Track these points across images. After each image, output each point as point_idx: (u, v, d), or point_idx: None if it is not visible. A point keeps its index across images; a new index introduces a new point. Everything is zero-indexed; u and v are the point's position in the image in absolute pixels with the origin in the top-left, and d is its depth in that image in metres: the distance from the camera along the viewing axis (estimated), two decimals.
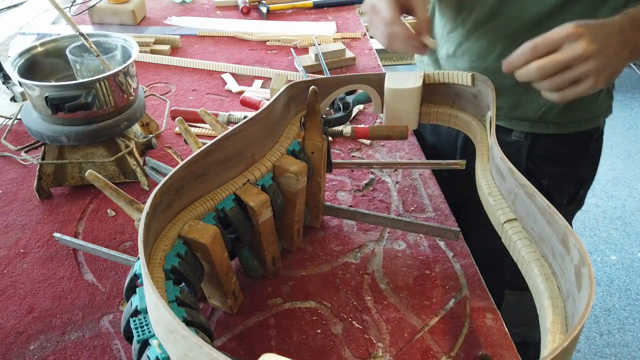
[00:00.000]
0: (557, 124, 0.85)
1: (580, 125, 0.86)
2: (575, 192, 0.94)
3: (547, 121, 0.85)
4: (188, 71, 1.22)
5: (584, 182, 0.95)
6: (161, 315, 0.39)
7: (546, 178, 0.91)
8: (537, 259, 0.50)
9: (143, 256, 0.43)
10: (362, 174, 0.89)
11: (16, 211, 0.81)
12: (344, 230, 0.77)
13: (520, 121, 0.86)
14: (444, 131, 1.01)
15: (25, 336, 0.62)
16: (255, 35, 1.39)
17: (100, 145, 0.83)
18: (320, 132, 0.67)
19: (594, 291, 0.40)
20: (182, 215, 0.54)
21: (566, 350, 0.37)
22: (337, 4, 1.60)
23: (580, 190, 0.96)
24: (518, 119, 0.86)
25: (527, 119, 0.86)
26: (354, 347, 0.60)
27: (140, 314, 0.45)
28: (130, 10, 1.43)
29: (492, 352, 0.60)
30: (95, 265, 0.72)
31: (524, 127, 0.87)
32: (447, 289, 0.68)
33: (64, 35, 0.87)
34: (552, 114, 0.83)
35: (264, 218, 0.61)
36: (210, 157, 0.56)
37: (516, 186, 0.53)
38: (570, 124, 0.85)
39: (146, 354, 0.42)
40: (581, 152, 0.91)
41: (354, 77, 0.71)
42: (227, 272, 0.58)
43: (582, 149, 0.91)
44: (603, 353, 1.67)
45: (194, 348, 0.36)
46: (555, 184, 0.92)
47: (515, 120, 0.87)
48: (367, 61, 1.26)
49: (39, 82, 0.74)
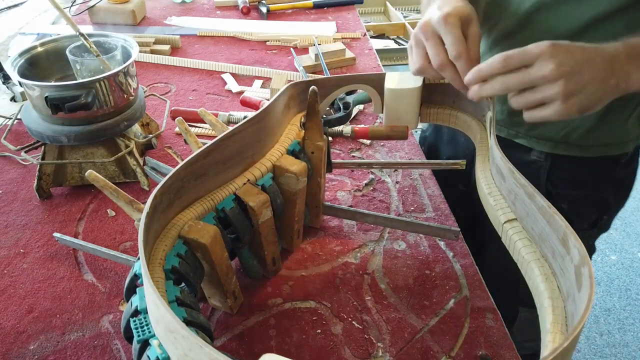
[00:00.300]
0: (580, 147, 0.79)
1: (606, 149, 0.79)
2: (598, 217, 0.87)
3: (570, 142, 0.78)
4: (188, 71, 1.22)
5: (608, 207, 0.88)
6: (161, 315, 0.39)
7: (566, 201, 0.85)
8: (537, 259, 0.50)
9: (143, 256, 0.43)
10: (362, 174, 0.89)
11: (16, 211, 0.81)
12: (344, 230, 0.77)
13: (540, 140, 0.81)
14: (461, 143, 0.96)
15: (25, 336, 0.62)
16: (255, 35, 1.39)
17: (100, 145, 0.83)
18: (320, 132, 0.67)
19: (594, 291, 0.40)
20: (182, 215, 0.54)
21: (566, 350, 0.37)
22: (337, 4, 1.60)
23: (604, 216, 0.88)
24: (538, 137, 0.81)
25: (548, 138, 0.80)
26: (354, 347, 0.60)
27: (140, 314, 0.45)
28: (130, 10, 1.43)
29: (492, 352, 0.60)
30: (95, 265, 0.72)
31: (545, 147, 0.81)
32: (447, 289, 0.68)
33: (64, 35, 0.87)
34: (576, 135, 0.77)
35: (264, 218, 0.61)
36: (210, 157, 0.56)
37: (516, 186, 0.53)
38: (594, 147, 0.79)
39: (146, 354, 0.42)
40: (607, 177, 0.84)
41: (354, 77, 0.71)
42: (227, 272, 0.58)
43: (608, 173, 0.83)
44: (603, 353, 1.67)
45: (194, 348, 0.36)
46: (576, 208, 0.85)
47: (535, 139, 0.81)
48: (367, 61, 1.26)
49: (39, 82, 0.74)
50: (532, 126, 0.78)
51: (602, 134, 0.76)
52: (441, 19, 0.60)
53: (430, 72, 0.64)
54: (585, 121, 0.73)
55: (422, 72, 0.64)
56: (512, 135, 0.82)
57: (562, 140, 0.78)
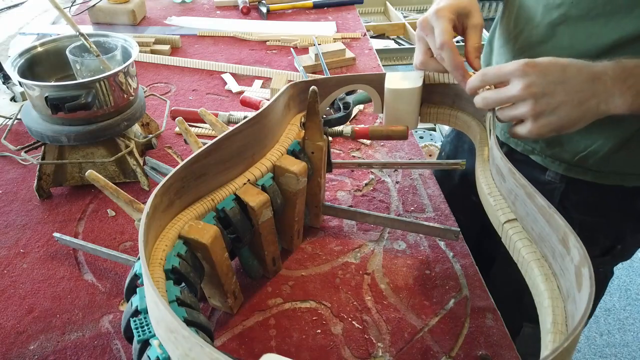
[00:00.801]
0: (596, 172, 0.74)
1: (624, 179, 0.74)
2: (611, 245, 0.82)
3: (585, 167, 0.74)
4: (188, 71, 1.22)
5: (623, 237, 0.83)
6: (162, 315, 0.39)
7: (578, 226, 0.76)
8: (537, 259, 0.50)
9: (144, 256, 0.43)
10: (362, 174, 0.89)
11: (16, 211, 0.81)
12: (343, 230, 0.77)
13: (555, 161, 0.77)
14: None
15: (25, 336, 0.62)
16: (255, 35, 1.39)
17: (100, 145, 0.83)
18: (321, 132, 0.67)
19: (594, 291, 0.40)
20: (182, 215, 0.54)
21: (567, 350, 0.37)
22: (337, 4, 1.60)
23: (618, 245, 0.83)
24: (553, 157, 0.77)
25: (563, 160, 0.76)
26: (354, 347, 0.60)
27: (140, 314, 0.45)
28: (130, 10, 1.43)
29: (492, 352, 0.60)
30: (95, 265, 0.72)
31: (559, 169, 0.77)
32: (447, 289, 0.68)
33: (64, 35, 0.87)
34: (592, 160, 0.73)
35: (264, 218, 0.61)
36: (210, 157, 0.56)
37: (516, 186, 0.53)
38: (611, 175, 0.74)
39: (146, 354, 0.42)
40: (625, 207, 0.78)
41: (354, 77, 0.71)
42: (227, 272, 0.58)
43: (625, 204, 0.78)
44: (603, 353, 1.67)
45: (194, 348, 0.36)
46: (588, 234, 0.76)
47: (550, 158, 0.78)
48: (367, 61, 1.26)
49: (39, 82, 0.74)
50: (548, 144, 0.76)
51: (622, 162, 0.72)
52: (433, 13, 0.63)
53: (432, 64, 0.66)
54: (602, 146, 0.70)
55: (424, 65, 0.67)
56: (528, 152, 0.79)
57: (577, 164, 0.75)
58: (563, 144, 0.74)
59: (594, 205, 0.79)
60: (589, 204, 0.79)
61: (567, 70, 0.55)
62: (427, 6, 2.78)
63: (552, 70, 0.55)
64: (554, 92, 0.54)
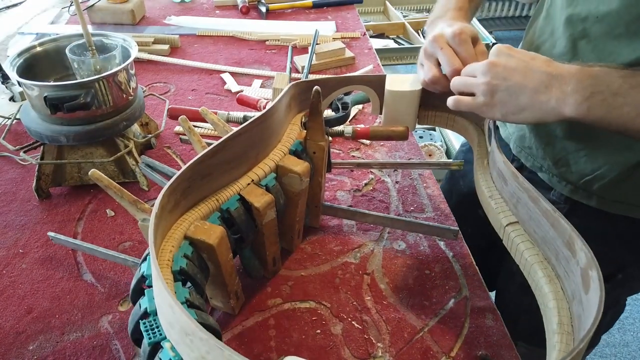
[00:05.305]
0: (600, 198, 0.73)
1: (630, 209, 0.72)
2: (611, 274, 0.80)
3: (590, 191, 0.73)
4: (187, 71, 1.22)
5: (624, 267, 0.80)
6: (177, 317, 0.38)
7: None
8: (540, 261, 0.50)
9: (155, 258, 0.42)
10: (362, 173, 0.88)
11: (15, 211, 0.81)
12: (343, 230, 0.77)
13: (561, 181, 0.76)
14: None
15: (24, 336, 0.62)
16: (255, 35, 1.39)
17: (99, 145, 0.82)
18: (323, 132, 0.67)
19: (604, 295, 0.40)
20: (187, 215, 0.54)
21: (580, 352, 0.37)
22: (336, 3, 1.60)
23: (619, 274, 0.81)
24: (559, 177, 0.76)
25: (568, 181, 0.75)
26: (354, 347, 0.60)
27: (149, 316, 0.44)
28: (129, 10, 1.43)
29: (492, 352, 0.60)
30: (94, 265, 0.71)
31: (565, 190, 0.76)
32: (447, 289, 0.68)
33: (63, 35, 0.87)
34: (598, 185, 0.71)
35: (268, 219, 0.60)
36: (216, 157, 0.55)
37: (519, 190, 0.53)
38: (616, 204, 0.72)
39: (158, 357, 0.41)
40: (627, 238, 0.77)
41: (354, 77, 0.71)
42: (232, 273, 0.58)
43: (630, 234, 0.76)
44: (603, 353, 1.67)
45: (213, 350, 0.35)
46: None
47: (556, 177, 0.77)
48: (367, 60, 1.26)
49: (38, 82, 0.74)
50: (555, 163, 0.76)
51: (629, 191, 0.71)
52: (455, 33, 0.64)
53: (443, 82, 0.65)
54: (609, 172, 0.69)
55: (435, 81, 0.66)
56: (537, 168, 0.79)
57: (582, 187, 0.74)
58: (570, 164, 0.73)
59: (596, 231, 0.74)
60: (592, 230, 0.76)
61: (535, 59, 0.57)
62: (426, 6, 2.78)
63: (522, 55, 0.57)
64: (514, 74, 0.56)
